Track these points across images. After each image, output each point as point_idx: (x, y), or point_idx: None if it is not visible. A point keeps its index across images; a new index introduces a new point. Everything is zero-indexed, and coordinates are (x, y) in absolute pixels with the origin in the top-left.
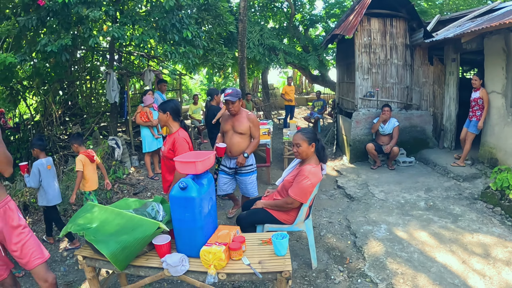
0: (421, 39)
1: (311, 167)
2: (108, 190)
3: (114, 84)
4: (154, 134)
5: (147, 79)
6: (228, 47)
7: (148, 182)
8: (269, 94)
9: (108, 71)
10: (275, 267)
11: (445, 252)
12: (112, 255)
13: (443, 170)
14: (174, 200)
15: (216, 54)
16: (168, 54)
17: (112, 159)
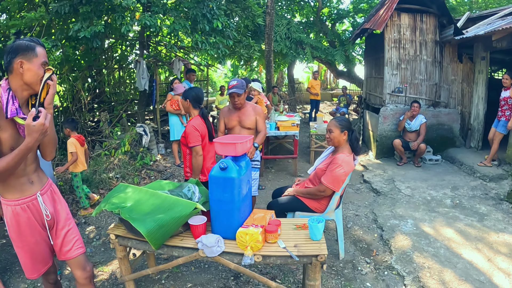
0: (451, 35)
1: (344, 156)
2: (135, 176)
3: (144, 72)
4: (183, 122)
5: (176, 69)
6: (255, 40)
7: (175, 169)
8: (294, 88)
9: (138, 59)
10: (311, 250)
11: (471, 250)
12: (149, 233)
13: (469, 170)
14: (214, 180)
15: (243, 47)
16: (199, 44)
17: (139, 146)
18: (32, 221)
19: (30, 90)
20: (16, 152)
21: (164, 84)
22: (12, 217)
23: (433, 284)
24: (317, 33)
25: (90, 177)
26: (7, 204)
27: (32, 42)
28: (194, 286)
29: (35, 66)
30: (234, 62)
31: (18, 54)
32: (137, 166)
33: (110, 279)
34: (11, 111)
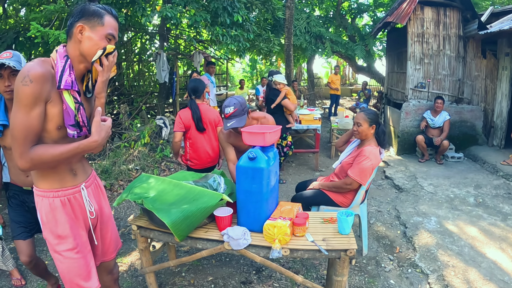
0: (475, 30)
1: (371, 148)
2: (155, 168)
3: (165, 64)
4: None
5: (196, 61)
6: (275, 34)
7: None
8: (314, 83)
9: (158, 51)
10: (340, 245)
11: (495, 249)
12: (173, 224)
13: (492, 168)
14: (242, 171)
15: (262, 40)
16: (220, 37)
17: (159, 138)
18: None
19: (86, 63)
20: (76, 146)
21: (183, 78)
22: (49, 212)
23: (457, 283)
24: (337, 28)
25: (110, 169)
26: (43, 196)
27: (103, 9)
28: (215, 279)
29: (98, 35)
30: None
31: (82, 18)
32: (157, 158)
33: (129, 270)
34: (66, 82)
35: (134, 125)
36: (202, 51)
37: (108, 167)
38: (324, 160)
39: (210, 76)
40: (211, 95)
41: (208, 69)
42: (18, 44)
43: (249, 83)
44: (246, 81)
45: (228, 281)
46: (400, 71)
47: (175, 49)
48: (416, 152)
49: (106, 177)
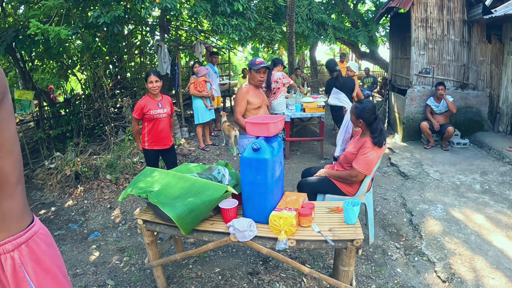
0: (479, 14)
1: None
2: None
3: (166, 56)
4: (207, 105)
5: (198, 52)
6: (276, 22)
7: (200, 153)
8: (317, 70)
9: (159, 43)
10: (346, 235)
11: (502, 237)
12: (179, 217)
13: (498, 155)
14: (246, 162)
15: (264, 29)
16: (221, 26)
17: None
18: None
19: None
20: None
21: (185, 69)
22: None
23: (464, 272)
24: (339, 14)
25: (115, 162)
26: None
27: None
28: (222, 270)
29: None
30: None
31: None
32: None
33: (136, 264)
34: None
35: None
36: (203, 41)
37: (113, 161)
38: (329, 148)
39: (213, 66)
40: (214, 85)
41: (211, 59)
42: (18, 42)
43: None
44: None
45: (235, 272)
46: (404, 57)
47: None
48: (422, 139)
49: (111, 171)
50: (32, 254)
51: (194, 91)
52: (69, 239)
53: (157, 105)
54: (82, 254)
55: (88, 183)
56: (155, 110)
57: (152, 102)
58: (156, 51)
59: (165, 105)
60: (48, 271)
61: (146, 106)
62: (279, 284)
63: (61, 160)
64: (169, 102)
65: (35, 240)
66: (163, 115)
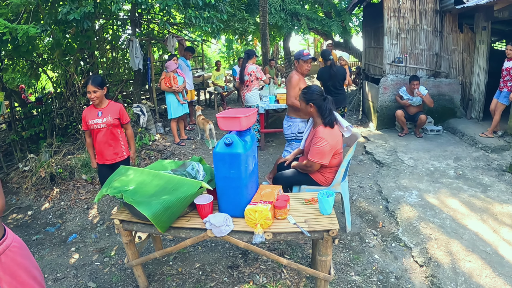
0: (451, 4)
1: (323, 128)
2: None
3: (138, 50)
4: (179, 100)
5: (170, 45)
6: (250, 13)
7: (175, 148)
8: (291, 61)
9: (131, 38)
10: (322, 225)
11: (476, 221)
12: (155, 216)
13: (471, 140)
14: (219, 157)
15: (237, 20)
16: (193, 19)
17: (137, 126)
18: None
19: None
20: None
21: (158, 63)
22: None
23: (440, 255)
24: (312, 4)
25: (89, 162)
26: None
27: None
28: (203, 266)
29: None
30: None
31: None
32: (136, 147)
33: (117, 264)
34: None
35: None
36: (175, 34)
37: (88, 160)
38: None
39: (185, 60)
40: (188, 79)
41: (185, 54)
42: None
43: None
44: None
45: (215, 267)
46: (377, 46)
47: (148, 34)
48: (396, 127)
49: (86, 171)
50: (6, 268)
51: (164, 87)
52: (47, 243)
53: (96, 114)
54: (61, 257)
55: (63, 184)
56: (93, 120)
57: (93, 112)
58: (127, 45)
59: (106, 114)
60: (24, 285)
61: (87, 116)
62: (259, 276)
63: (35, 162)
64: (114, 111)
65: (7, 254)
66: (100, 125)
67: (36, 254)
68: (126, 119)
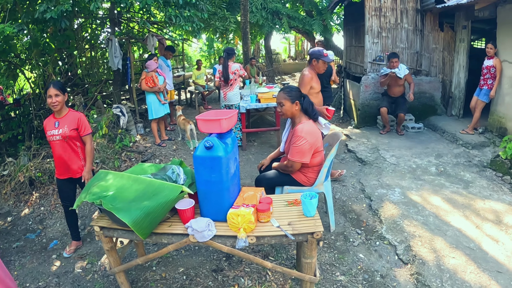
0: (432, 4)
1: (303, 126)
2: (115, 159)
3: (117, 50)
4: (160, 100)
5: (150, 45)
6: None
7: (156, 149)
8: (272, 59)
9: (109, 37)
10: (306, 228)
11: (459, 217)
12: (135, 223)
13: (452, 137)
14: (199, 161)
15: (218, 19)
16: (173, 18)
17: (117, 127)
18: None
19: None
20: None
21: (138, 62)
22: None
23: (425, 253)
24: (294, 3)
25: None
26: None
27: None
28: (186, 270)
29: None
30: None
31: None
32: (117, 148)
33: (99, 270)
34: None
35: (91, 116)
36: (155, 33)
37: None
38: None
39: (165, 60)
40: (168, 79)
41: (165, 54)
42: None
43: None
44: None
45: (199, 271)
46: (358, 45)
47: (128, 33)
48: (377, 124)
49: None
50: None
51: (145, 87)
52: (28, 251)
53: (53, 125)
54: (43, 265)
55: (43, 189)
56: (50, 131)
57: (51, 121)
58: (106, 45)
59: (62, 125)
60: None
61: (46, 125)
62: (244, 279)
63: (13, 166)
64: (72, 121)
65: None
66: (56, 137)
67: (17, 262)
68: (86, 131)
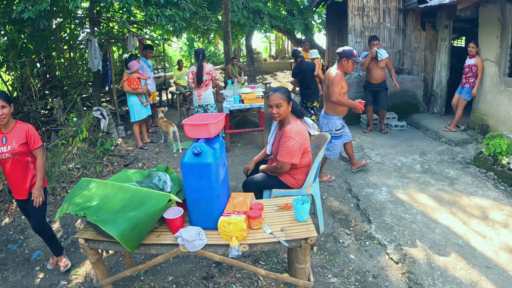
0: (415, 3)
1: (291, 126)
2: (97, 164)
3: (96, 51)
4: (143, 102)
5: (131, 45)
6: (212, 11)
7: (138, 152)
8: (253, 59)
9: (89, 37)
10: (299, 234)
11: (446, 214)
12: (122, 235)
13: (435, 135)
14: (188, 168)
15: (199, 18)
16: (154, 18)
17: (98, 130)
18: None
19: None
20: None
21: (118, 63)
22: None
23: (415, 251)
24: (275, 2)
25: (49, 171)
26: None
27: None
28: (176, 278)
29: None
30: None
31: None
32: (98, 153)
33: (85, 282)
34: None
35: (70, 119)
36: (136, 33)
37: (48, 169)
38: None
39: (146, 60)
40: (149, 80)
41: (145, 53)
42: None
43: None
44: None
45: (189, 279)
46: (341, 44)
47: (108, 33)
48: (360, 123)
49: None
50: None
51: (128, 88)
52: (10, 263)
53: (1, 141)
54: (26, 278)
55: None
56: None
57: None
58: (86, 45)
59: (11, 141)
60: None
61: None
62: (236, 285)
63: None
64: (20, 135)
65: None
66: (5, 155)
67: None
68: (36, 144)
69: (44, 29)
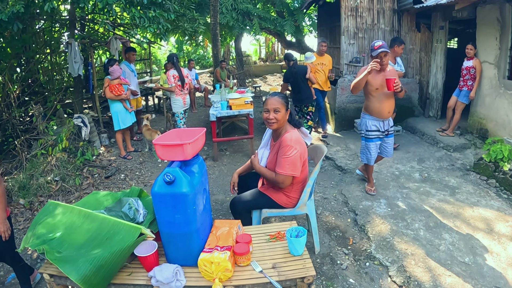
0: (410, 4)
1: (290, 135)
2: (76, 176)
3: (77, 55)
4: (127, 108)
5: (113, 48)
6: (200, 13)
7: (121, 162)
8: (243, 62)
9: (69, 41)
10: (294, 271)
11: (450, 228)
12: (84, 279)
13: (431, 140)
14: (159, 199)
15: (187, 20)
16: (137, 19)
17: (79, 139)
18: None
19: None
20: None
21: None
22: None
23: (419, 273)
24: (265, 3)
25: (27, 183)
26: None
27: None
28: None
29: None
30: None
31: None
32: (78, 164)
33: None
34: None
35: (50, 127)
36: (119, 36)
37: (26, 181)
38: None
39: (129, 65)
40: (133, 86)
41: (128, 56)
42: None
43: None
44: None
45: None
46: (334, 46)
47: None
48: (354, 128)
49: (24, 194)
50: None
51: (110, 95)
52: None
53: None
54: None
55: None
56: None
57: None
58: (66, 49)
59: None
60: None
61: None
62: None
63: None
64: None
65: None
66: None
67: None
68: None
69: (24, 32)
